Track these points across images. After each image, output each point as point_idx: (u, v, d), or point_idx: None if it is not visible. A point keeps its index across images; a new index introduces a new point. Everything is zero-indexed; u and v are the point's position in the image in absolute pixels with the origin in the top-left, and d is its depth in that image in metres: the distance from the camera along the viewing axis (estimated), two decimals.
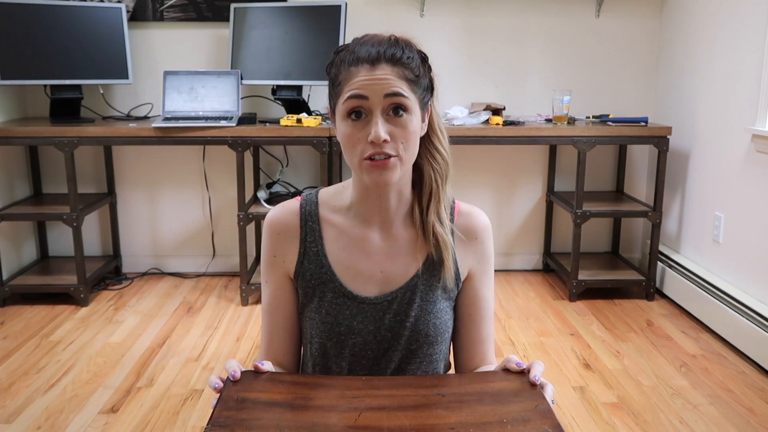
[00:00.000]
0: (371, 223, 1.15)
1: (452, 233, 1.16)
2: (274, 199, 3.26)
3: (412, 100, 1.05)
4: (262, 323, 1.21)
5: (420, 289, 1.14)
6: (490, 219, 1.27)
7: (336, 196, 1.19)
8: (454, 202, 1.20)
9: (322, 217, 1.17)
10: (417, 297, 1.13)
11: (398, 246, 1.15)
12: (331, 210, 1.17)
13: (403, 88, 1.04)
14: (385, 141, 1.02)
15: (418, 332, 1.13)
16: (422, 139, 1.12)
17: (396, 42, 1.06)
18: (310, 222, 1.16)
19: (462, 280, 1.18)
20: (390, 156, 1.04)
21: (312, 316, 1.16)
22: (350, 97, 1.03)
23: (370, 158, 1.04)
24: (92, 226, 3.61)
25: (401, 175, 1.09)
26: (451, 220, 1.17)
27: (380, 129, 1.02)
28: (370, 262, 1.14)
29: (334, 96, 1.09)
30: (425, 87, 1.09)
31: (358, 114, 1.04)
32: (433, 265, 1.14)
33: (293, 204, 1.19)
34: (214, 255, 3.66)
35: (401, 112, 1.04)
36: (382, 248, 1.15)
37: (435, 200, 1.14)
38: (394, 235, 1.15)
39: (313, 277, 1.15)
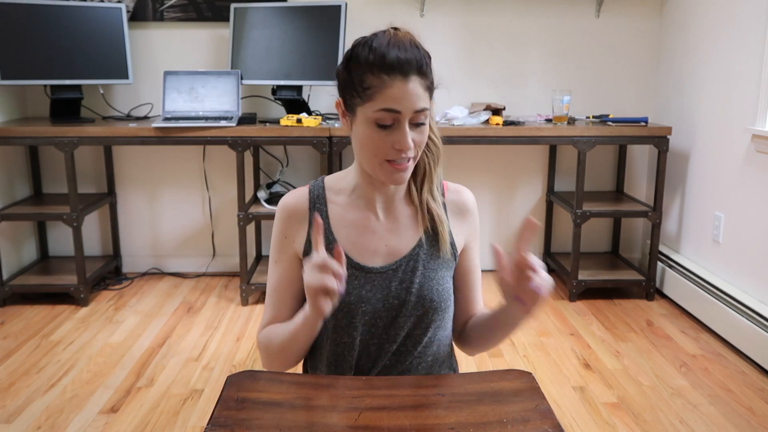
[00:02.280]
0: (374, 203, 1.24)
1: (444, 208, 1.27)
2: (274, 199, 3.26)
3: (428, 109, 1.14)
4: (269, 300, 1.27)
5: (422, 258, 1.23)
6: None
7: (340, 181, 1.28)
8: (442, 182, 1.30)
9: (329, 199, 1.26)
10: (420, 265, 1.22)
11: (399, 222, 1.25)
12: (336, 193, 1.26)
13: (426, 101, 1.13)
14: (410, 149, 1.12)
15: (423, 297, 1.21)
16: None
17: (417, 47, 1.13)
18: (318, 204, 1.25)
19: (459, 251, 1.28)
20: (408, 159, 1.14)
21: None
22: (383, 110, 1.10)
23: (392, 161, 1.13)
24: (92, 226, 3.61)
25: None
26: (442, 195, 1.29)
27: (408, 139, 1.11)
28: (375, 237, 1.23)
29: (359, 97, 1.12)
30: (433, 91, 1.18)
31: (384, 122, 1.11)
32: (432, 237, 1.24)
33: (303, 189, 1.28)
34: (214, 255, 3.66)
35: (422, 119, 1.13)
36: (384, 225, 1.24)
37: (428, 180, 1.25)
38: (395, 212, 1.25)
39: None
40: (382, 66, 1.09)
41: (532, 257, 1.03)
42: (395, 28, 1.15)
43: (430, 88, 1.14)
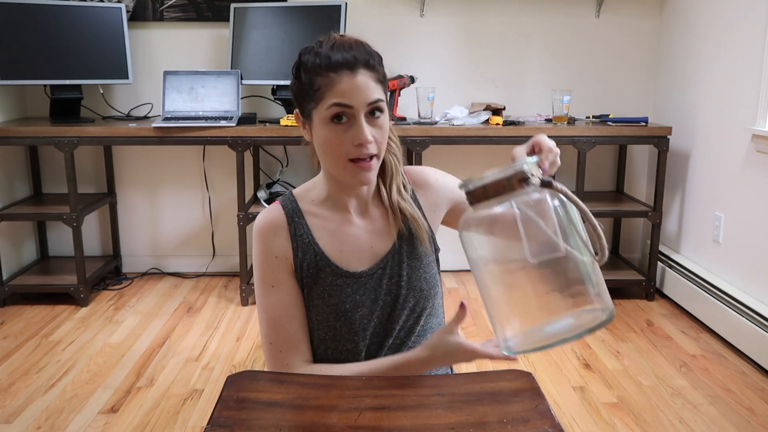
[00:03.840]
0: (348, 208, 1.24)
1: (415, 198, 1.28)
2: (273, 199, 3.26)
3: (384, 101, 1.15)
4: (282, 328, 1.19)
5: (405, 250, 1.24)
6: None
7: (310, 192, 1.27)
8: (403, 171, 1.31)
9: (304, 211, 1.24)
10: (404, 258, 1.24)
11: (376, 222, 1.25)
12: (309, 204, 1.25)
13: (379, 92, 1.13)
14: (369, 142, 1.11)
15: (412, 288, 1.23)
16: None
17: (362, 45, 1.15)
18: (295, 218, 1.23)
19: (436, 232, 1.30)
20: (372, 156, 1.13)
21: (316, 303, 1.21)
22: (335, 105, 1.10)
23: (355, 159, 1.13)
24: (92, 226, 3.61)
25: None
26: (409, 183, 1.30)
27: (366, 132, 1.11)
28: (357, 241, 1.23)
29: (312, 101, 1.13)
30: (387, 85, 1.19)
31: (339, 118, 1.11)
32: (409, 231, 1.25)
33: (275, 207, 1.25)
34: (214, 255, 3.66)
35: (378, 113, 1.13)
36: (363, 227, 1.24)
37: (395, 180, 1.25)
38: (371, 213, 1.25)
39: (310, 266, 1.21)
40: (328, 66, 1.10)
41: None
42: (341, 35, 1.17)
43: (382, 82, 1.14)
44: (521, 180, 0.98)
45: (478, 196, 0.98)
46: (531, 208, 0.97)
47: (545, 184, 1.00)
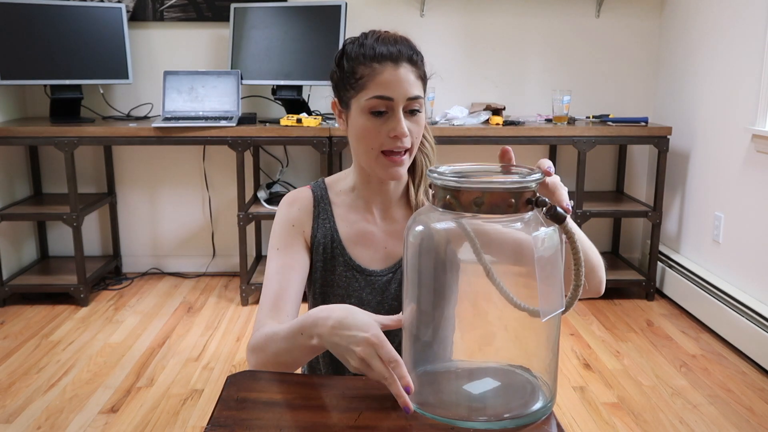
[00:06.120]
0: (373, 204, 1.24)
1: None
2: (274, 199, 3.26)
3: (423, 99, 1.15)
4: (269, 286, 1.18)
5: None
6: None
7: (340, 182, 1.29)
8: None
9: (332, 200, 1.27)
10: None
11: (397, 224, 1.24)
12: (337, 194, 1.27)
13: (419, 89, 1.14)
14: (405, 136, 1.12)
15: None
16: None
17: (407, 41, 1.15)
18: (322, 203, 1.26)
19: None
20: (405, 150, 1.13)
21: (324, 290, 1.23)
22: (377, 97, 1.10)
23: (388, 152, 1.13)
24: (92, 226, 3.61)
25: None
26: None
27: (404, 125, 1.11)
28: (375, 240, 1.24)
29: (352, 89, 1.13)
30: (426, 83, 1.18)
31: (379, 113, 1.12)
32: None
33: (305, 189, 1.29)
34: (214, 255, 3.66)
35: (416, 109, 1.14)
36: (382, 227, 1.24)
37: (424, 181, 1.25)
38: (393, 215, 1.25)
39: (325, 251, 1.23)
40: (372, 56, 1.11)
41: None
42: (385, 31, 1.17)
43: (422, 78, 1.15)
44: (529, 201, 0.74)
45: (466, 203, 0.77)
46: (540, 250, 0.73)
47: (558, 218, 0.74)
